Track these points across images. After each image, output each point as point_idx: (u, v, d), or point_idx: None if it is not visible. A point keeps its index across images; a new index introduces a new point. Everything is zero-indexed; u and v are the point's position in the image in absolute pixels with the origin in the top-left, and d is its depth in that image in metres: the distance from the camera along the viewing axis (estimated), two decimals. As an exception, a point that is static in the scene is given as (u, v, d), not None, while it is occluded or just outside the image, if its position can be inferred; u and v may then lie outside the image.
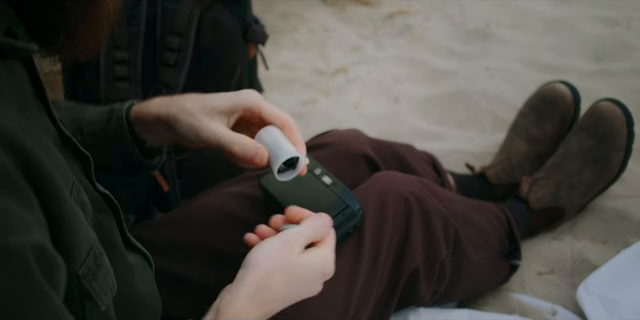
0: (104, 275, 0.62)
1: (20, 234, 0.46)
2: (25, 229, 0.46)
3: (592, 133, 1.44)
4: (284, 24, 2.69)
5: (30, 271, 0.46)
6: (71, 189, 0.58)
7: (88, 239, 0.59)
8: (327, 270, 0.84)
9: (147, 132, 0.94)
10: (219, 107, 0.89)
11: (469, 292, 1.32)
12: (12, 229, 0.45)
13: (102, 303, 0.62)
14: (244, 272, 0.79)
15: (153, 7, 1.32)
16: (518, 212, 1.41)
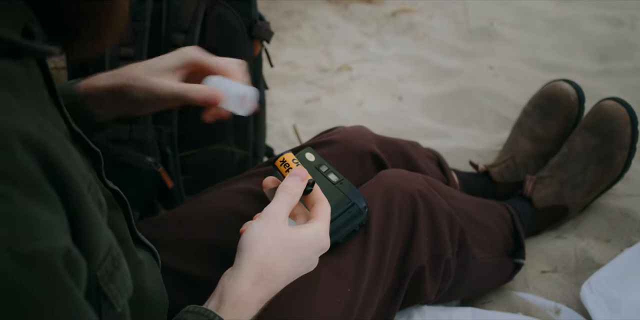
0: (122, 277, 0.62)
1: (49, 240, 0.46)
2: (53, 234, 0.47)
3: (596, 132, 1.44)
4: (288, 22, 2.69)
5: (60, 276, 0.47)
6: (88, 188, 0.58)
7: (106, 240, 0.59)
8: (324, 244, 0.85)
9: (97, 106, 0.96)
10: (165, 65, 0.93)
11: (473, 291, 1.32)
12: (40, 234, 0.45)
13: (118, 304, 0.62)
14: (241, 256, 0.79)
15: (158, 3, 1.32)
16: (522, 211, 1.41)
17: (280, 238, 0.80)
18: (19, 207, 0.44)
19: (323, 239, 0.85)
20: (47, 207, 0.47)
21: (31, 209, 0.45)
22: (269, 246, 0.79)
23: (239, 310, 0.76)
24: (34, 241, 0.45)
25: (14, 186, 0.45)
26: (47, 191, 0.48)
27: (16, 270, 0.43)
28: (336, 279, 0.97)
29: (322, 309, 0.94)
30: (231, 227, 1.04)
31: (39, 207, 0.46)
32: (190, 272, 1.01)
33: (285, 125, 2.01)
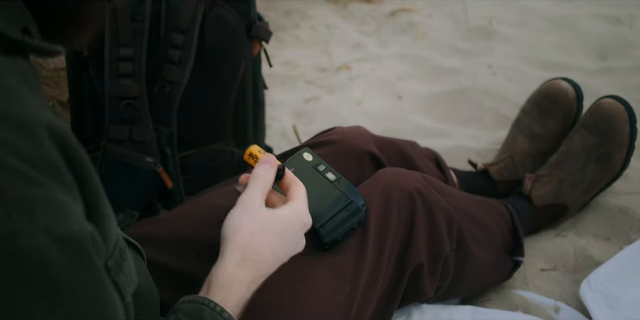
0: (128, 268, 0.64)
1: (79, 223, 0.49)
2: (80, 219, 0.50)
3: (595, 130, 1.44)
4: (287, 21, 2.69)
5: (91, 258, 0.50)
6: None
7: (115, 231, 0.61)
8: (305, 220, 0.88)
9: None
10: None
11: (472, 289, 1.32)
12: (71, 219, 0.48)
13: (127, 295, 0.63)
14: (224, 244, 0.83)
15: (157, 3, 1.32)
16: (521, 209, 1.42)
17: (259, 221, 0.83)
18: (52, 192, 0.47)
19: (303, 215, 0.87)
20: (70, 196, 0.50)
21: (60, 195, 0.48)
22: (250, 231, 0.82)
23: (227, 292, 0.79)
24: (68, 224, 0.48)
25: (43, 172, 0.47)
26: (69, 180, 0.51)
27: (54, 251, 0.46)
28: (335, 277, 0.98)
29: (321, 306, 0.94)
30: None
31: (65, 194, 0.49)
32: (190, 272, 1.02)
33: (285, 125, 2.02)
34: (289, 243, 0.86)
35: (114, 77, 1.31)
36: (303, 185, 0.91)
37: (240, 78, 1.42)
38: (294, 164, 1.05)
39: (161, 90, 1.32)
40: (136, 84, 1.31)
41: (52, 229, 0.46)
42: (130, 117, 1.31)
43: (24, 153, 0.46)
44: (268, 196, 0.90)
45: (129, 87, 1.31)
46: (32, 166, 0.47)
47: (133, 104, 1.31)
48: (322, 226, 0.99)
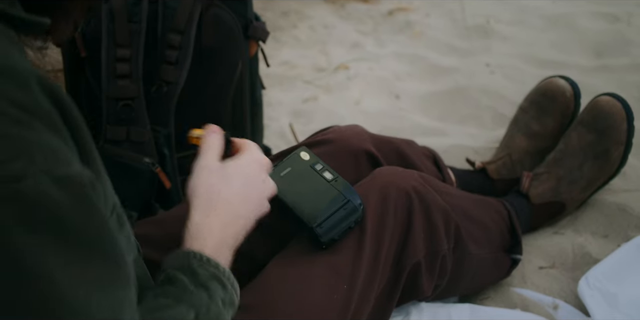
0: (126, 235, 0.65)
1: (76, 166, 0.50)
2: (77, 163, 0.51)
3: (593, 128, 1.44)
4: (284, 21, 2.69)
5: (91, 199, 0.51)
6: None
7: (112, 196, 0.61)
8: (262, 161, 0.92)
9: None
10: None
11: (470, 287, 1.32)
12: (67, 161, 0.49)
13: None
14: (190, 202, 0.86)
15: (154, 4, 1.32)
16: (519, 207, 1.42)
17: (215, 172, 0.87)
18: (46, 136, 0.48)
19: (258, 158, 0.92)
20: (64, 143, 0.51)
21: (54, 140, 0.49)
22: (208, 182, 0.86)
23: (201, 240, 0.81)
24: (66, 167, 0.49)
25: (36, 119, 0.48)
26: (62, 128, 0.51)
27: (56, 191, 0.47)
28: (332, 275, 0.98)
29: (319, 305, 0.94)
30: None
31: (58, 139, 0.50)
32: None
33: (283, 125, 2.02)
34: (254, 183, 0.89)
35: (111, 78, 1.31)
36: (253, 143, 0.96)
37: (238, 78, 1.42)
38: (290, 163, 1.06)
39: (158, 90, 1.32)
40: (133, 85, 1.31)
41: (51, 170, 0.47)
42: (127, 118, 1.31)
43: (16, 99, 0.47)
44: None
45: (126, 88, 1.31)
46: (24, 111, 0.47)
47: (130, 104, 1.31)
48: (319, 225, 0.99)
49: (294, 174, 1.04)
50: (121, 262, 0.55)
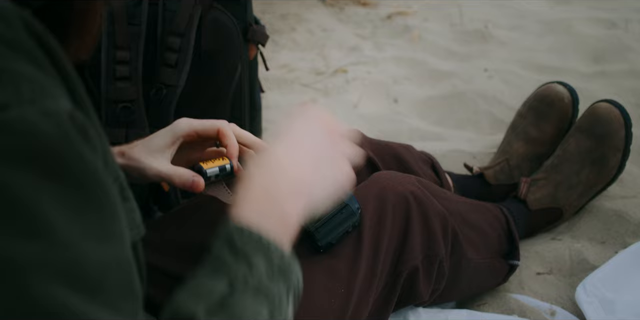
0: (130, 210, 0.61)
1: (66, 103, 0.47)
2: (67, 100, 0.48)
3: (590, 134, 1.45)
4: (283, 25, 2.69)
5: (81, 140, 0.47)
6: None
7: (113, 163, 0.57)
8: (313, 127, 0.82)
9: None
10: (160, 144, 0.99)
11: (467, 292, 1.32)
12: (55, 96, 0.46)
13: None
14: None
15: (154, 6, 1.32)
16: (517, 213, 1.42)
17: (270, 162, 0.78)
18: (30, 70, 0.45)
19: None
20: (52, 80, 0.48)
21: (41, 75, 0.46)
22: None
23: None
24: (55, 101, 0.46)
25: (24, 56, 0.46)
26: (50, 70, 0.49)
27: (43, 123, 0.44)
28: (329, 279, 0.98)
29: (316, 309, 0.94)
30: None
31: (45, 75, 0.47)
32: (185, 274, 1.02)
33: (281, 128, 2.01)
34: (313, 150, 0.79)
35: (111, 80, 1.31)
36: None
37: (237, 81, 1.42)
38: None
39: (158, 93, 1.32)
40: (133, 87, 1.31)
41: (38, 101, 0.44)
42: (126, 120, 1.31)
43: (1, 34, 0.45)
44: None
45: (126, 90, 1.31)
46: (7, 45, 0.45)
47: (130, 107, 1.31)
48: (317, 229, 0.99)
49: None
50: (116, 216, 0.51)
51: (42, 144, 0.44)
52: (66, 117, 0.46)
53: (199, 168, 0.99)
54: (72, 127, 0.46)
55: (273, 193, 0.74)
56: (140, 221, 0.64)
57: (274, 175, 0.75)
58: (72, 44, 0.64)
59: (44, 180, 0.44)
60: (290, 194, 0.74)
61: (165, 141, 1.00)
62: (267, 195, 0.73)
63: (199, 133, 1.01)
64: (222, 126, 1.01)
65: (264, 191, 0.74)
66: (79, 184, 0.47)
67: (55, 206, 0.44)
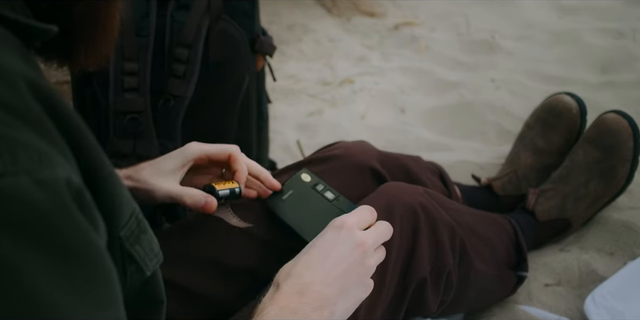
0: (148, 241, 0.63)
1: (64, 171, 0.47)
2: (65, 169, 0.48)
3: (599, 145, 1.44)
4: (290, 35, 2.70)
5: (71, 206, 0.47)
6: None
7: (129, 203, 0.60)
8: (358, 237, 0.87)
9: None
10: (170, 167, 1.01)
11: (476, 304, 1.32)
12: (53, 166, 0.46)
13: (147, 268, 0.63)
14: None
15: (162, 18, 1.33)
16: (525, 224, 1.41)
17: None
18: (32, 139, 0.46)
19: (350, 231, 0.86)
20: (56, 149, 0.48)
21: (41, 143, 0.46)
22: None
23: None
24: (51, 171, 0.46)
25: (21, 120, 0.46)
26: (54, 135, 0.49)
27: (36, 192, 0.44)
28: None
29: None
30: (235, 243, 1.05)
31: (47, 144, 0.47)
32: (190, 286, 1.02)
33: (288, 139, 2.02)
34: (337, 265, 0.83)
35: (119, 91, 1.31)
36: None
37: (245, 92, 1.42)
38: (292, 186, 1.07)
39: (166, 104, 1.32)
40: (141, 98, 1.31)
41: (33, 171, 0.44)
42: (134, 132, 1.32)
43: (1, 99, 0.45)
44: None
45: (134, 102, 1.31)
46: (9, 112, 0.45)
47: (137, 118, 1.31)
48: None
49: (296, 197, 1.05)
50: (109, 282, 0.51)
51: (34, 213, 0.44)
52: (63, 188, 0.47)
53: (210, 188, 1.00)
54: (68, 197, 0.47)
55: (296, 308, 0.78)
56: (159, 249, 0.67)
57: (299, 289, 0.80)
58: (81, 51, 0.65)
59: (32, 250, 0.44)
60: (313, 309, 0.78)
61: (175, 164, 1.01)
62: (291, 311, 0.77)
63: (210, 157, 1.03)
64: (233, 151, 1.03)
65: (288, 305, 0.78)
66: (70, 254, 0.47)
67: (41, 274, 0.44)
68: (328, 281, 0.81)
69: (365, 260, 0.85)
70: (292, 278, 0.81)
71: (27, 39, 0.57)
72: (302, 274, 0.81)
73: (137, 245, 0.61)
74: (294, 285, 0.80)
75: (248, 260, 1.04)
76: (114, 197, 0.56)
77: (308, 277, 0.81)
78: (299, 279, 0.81)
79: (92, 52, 0.67)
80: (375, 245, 0.88)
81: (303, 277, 0.81)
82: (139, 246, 0.61)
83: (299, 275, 0.81)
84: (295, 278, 0.81)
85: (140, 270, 0.63)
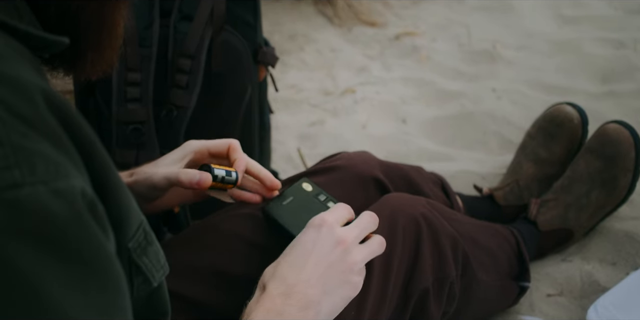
0: (155, 252, 0.64)
1: (78, 182, 0.49)
2: (79, 180, 0.49)
3: (600, 155, 1.45)
4: (292, 45, 2.70)
5: (88, 219, 0.49)
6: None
7: (137, 214, 0.60)
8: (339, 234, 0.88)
9: None
10: (170, 159, 1.02)
11: (478, 314, 1.31)
12: (68, 176, 0.48)
13: (154, 279, 0.64)
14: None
15: (165, 29, 1.33)
16: (527, 234, 1.41)
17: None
18: (47, 150, 0.47)
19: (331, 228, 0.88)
20: (69, 161, 0.49)
21: (57, 154, 0.48)
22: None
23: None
24: (66, 181, 0.47)
25: (38, 133, 0.47)
26: (68, 146, 0.50)
27: (52, 203, 0.45)
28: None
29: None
30: (238, 252, 1.05)
31: (62, 155, 0.48)
32: (197, 298, 1.02)
33: (290, 149, 2.02)
34: (319, 262, 0.85)
35: (122, 101, 1.31)
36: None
37: (247, 103, 1.42)
38: (293, 193, 1.06)
39: (168, 114, 1.32)
40: (143, 109, 1.32)
41: (51, 182, 0.46)
42: (137, 142, 1.32)
43: (19, 111, 0.46)
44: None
45: (136, 112, 1.32)
46: (26, 124, 0.46)
47: (140, 128, 1.31)
48: None
49: (296, 203, 1.04)
50: (120, 291, 0.53)
51: (51, 222, 0.46)
52: (78, 197, 0.48)
53: (207, 167, 0.99)
54: (83, 206, 0.48)
55: (282, 310, 0.79)
56: (165, 260, 0.67)
57: (283, 290, 0.81)
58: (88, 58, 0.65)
59: (48, 257, 0.45)
60: (298, 310, 0.80)
61: (174, 156, 1.02)
62: (277, 313, 0.79)
63: (210, 149, 1.04)
64: (232, 142, 1.04)
65: (273, 308, 0.80)
66: (84, 262, 0.48)
67: (57, 282, 0.46)
68: (311, 282, 0.82)
69: (346, 257, 0.86)
70: (276, 280, 0.82)
71: (37, 50, 0.57)
72: (285, 275, 0.83)
73: (144, 257, 0.61)
74: (278, 287, 0.81)
75: (250, 268, 1.04)
76: (122, 208, 0.57)
77: (291, 279, 0.82)
78: (282, 280, 0.82)
79: (99, 59, 0.67)
80: (357, 240, 0.89)
81: (287, 279, 0.82)
82: (146, 257, 0.62)
83: (282, 276, 0.83)
84: (279, 280, 0.82)
85: (147, 281, 0.63)
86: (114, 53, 0.69)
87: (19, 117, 0.46)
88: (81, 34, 0.62)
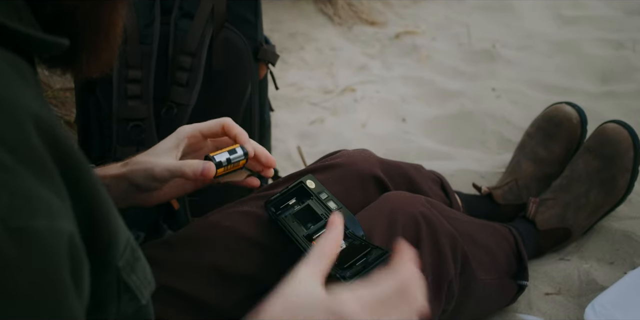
0: (142, 268, 0.62)
1: (48, 219, 0.45)
2: (54, 215, 0.45)
3: (599, 154, 1.45)
4: (292, 43, 2.71)
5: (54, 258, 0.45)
6: None
7: (124, 231, 0.59)
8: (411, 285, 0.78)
9: None
10: (165, 146, 1.00)
11: (476, 313, 1.32)
12: (39, 213, 0.44)
13: (142, 296, 0.62)
14: None
15: (166, 26, 1.33)
16: (525, 233, 1.42)
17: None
18: (23, 182, 0.43)
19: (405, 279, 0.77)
20: (52, 190, 0.46)
21: (34, 186, 0.44)
22: None
23: None
24: (32, 219, 0.43)
25: (19, 160, 0.44)
26: (52, 175, 0.47)
27: (6, 244, 0.41)
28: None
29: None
30: (237, 250, 1.05)
31: (43, 187, 0.45)
32: (196, 295, 1.02)
33: (290, 147, 2.02)
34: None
35: (122, 98, 1.32)
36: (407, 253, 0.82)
37: (247, 100, 1.43)
38: (295, 193, 1.07)
39: (169, 112, 1.33)
40: (144, 106, 1.32)
41: (9, 220, 0.42)
42: (137, 139, 1.32)
43: (3, 137, 0.43)
44: None
45: (137, 109, 1.32)
46: (9, 152, 0.43)
47: (140, 125, 1.32)
48: (350, 279, 0.98)
49: (297, 204, 1.05)
50: None
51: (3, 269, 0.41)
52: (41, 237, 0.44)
53: (207, 157, 0.99)
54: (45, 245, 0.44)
55: None
56: (152, 276, 0.65)
57: None
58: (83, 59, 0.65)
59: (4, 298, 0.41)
60: None
61: (169, 144, 1.01)
62: None
63: (202, 132, 1.03)
64: (226, 121, 1.03)
65: None
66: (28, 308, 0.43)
67: None
68: None
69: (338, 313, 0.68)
70: None
71: (36, 52, 0.57)
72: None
73: (133, 275, 0.60)
74: None
75: (249, 266, 1.05)
76: (111, 230, 0.56)
77: None
78: None
79: (95, 60, 0.67)
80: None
81: None
82: (134, 275, 0.60)
83: None
84: None
85: (135, 299, 0.62)
86: (112, 54, 0.68)
87: (4, 145, 0.43)
88: (78, 35, 0.62)
